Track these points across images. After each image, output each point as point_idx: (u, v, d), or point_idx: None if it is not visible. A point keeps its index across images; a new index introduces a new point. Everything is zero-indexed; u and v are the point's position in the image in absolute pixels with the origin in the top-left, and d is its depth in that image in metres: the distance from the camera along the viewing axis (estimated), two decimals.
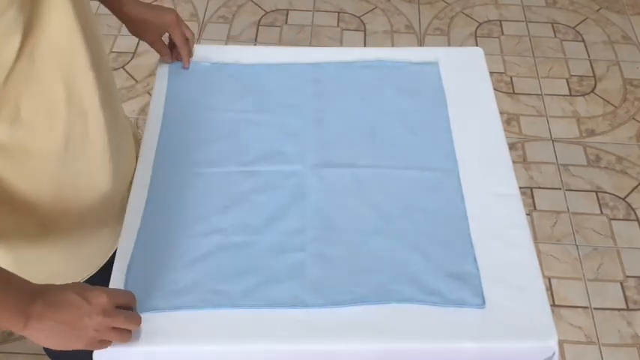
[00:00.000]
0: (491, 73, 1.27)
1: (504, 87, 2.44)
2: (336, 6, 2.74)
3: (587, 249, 2.01)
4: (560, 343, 1.79)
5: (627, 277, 1.95)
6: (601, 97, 2.43)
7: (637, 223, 2.08)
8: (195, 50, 1.25)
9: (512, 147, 2.21)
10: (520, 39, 2.63)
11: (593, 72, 2.51)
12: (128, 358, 0.89)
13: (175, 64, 1.24)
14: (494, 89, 1.24)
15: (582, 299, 1.90)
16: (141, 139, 1.14)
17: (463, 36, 2.64)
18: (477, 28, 2.67)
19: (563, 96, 2.43)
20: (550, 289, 1.91)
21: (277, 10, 2.72)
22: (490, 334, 0.91)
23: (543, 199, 2.12)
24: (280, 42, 2.58)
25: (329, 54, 1.29)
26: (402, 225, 1.03)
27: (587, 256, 1.99)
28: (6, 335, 1.79)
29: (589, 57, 2.56)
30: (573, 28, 2.67)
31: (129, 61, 2.49)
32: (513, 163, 1.13)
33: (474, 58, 1.30)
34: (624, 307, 1.89)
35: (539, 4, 2.77)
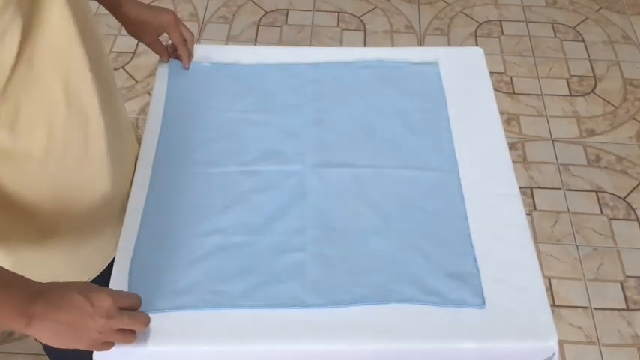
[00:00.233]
0: (491, 73, 1.27)
1: (504, 87, 2.44)
2: (336, 6, 2.74)
3: (587, 249, 2.01)
4: (560, 343, 1.79)
5: (627, 277, 1.95)
6: (601, 97, 2.42)
7: (637, 223, 2.07)
8: (195, 50, 1.25)
9: (512, 147, 2.21)
10: (520, 39, 2.63)
11: (593, 72, 2.51)
12: (128, 358, 0.89)
13: (175, 64, 1.24)
14: (494, 89, 1.24)
15: (582, 299, 1.90)
16: (141, 139, 1.14)
17: (463, 36, 2.64)
18: (477, 28, 2.67)
19: (563, 96, 2.43)
20: (550, 289, 1.91)
21: (277, 10, 2.72)
22: (490, 334, 0.91)
23: (543, 199, 2.12)
24: (280, 42, 2.58)
25: (329, 54, 1.29)
26: (402, 225, 1.03)
27: (587, 256, 1.99)
28: (6, 335, 1.79)
29: (589, 57, 2.56)
30: (573, 28, 2.67)
31: (129, 61, 2.49)
32: (513, 163, 1.13)
33: (474, 58, 1.30)
34: (624, 307, 1.89)
35: (539, 4, 2.77)
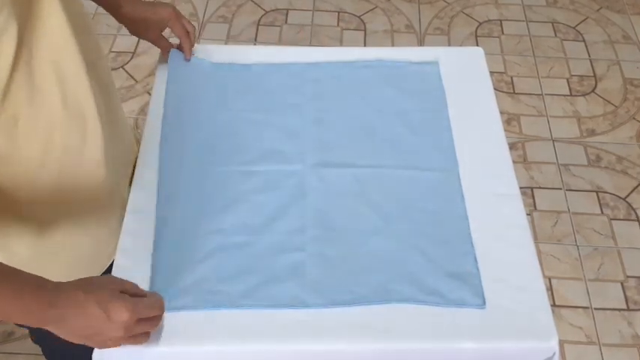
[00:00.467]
0: (491, 73, 1.27)
1: (504, 87, 2.44)
2: (336, 6, 2.74)
3: (588, 249, 2.01)
4: (561, 344, 1.78)
5: (628, 277, 1.95)
6: (601, 97, 2.42)
7: (637, 223, 2.07)
8: (195, 50, 1.25)
9: (512, 147, 2.21)
10: (520, 39, 2.63)
11: (594, 72, 2.51)
12: (129, 359, 0.89)
13: (175, 65, 1.23)
14: (494, 89, 1.24)
15: (583, 299, 1.90)
16: (141, 139, 1.13)
17: (463, 36, 2.63)
18: (477, 27, 2.67)
19: (564, 96, 2.42)
20: (550, 289, 1.91)
21: (277, 9, 2.72)
22: (490, 334, 0.91)
23: (544, 199, 2.12)
24: (280, 42, 2.58)
25: (329, 54, 1.29)
26: (402, 225, 1.03)
27: (587, 256, 1.99)
28: (6, 335, 1.78)
29: (589, 57, 2.56)
30: (574, 28, 2.67)
31: (129, 61, 2.49)
32: (513, 163, 1.12)
33: (474, 58, 1.29)
34: (625, 307, 1.89)
35: (540, 4, 2.77)
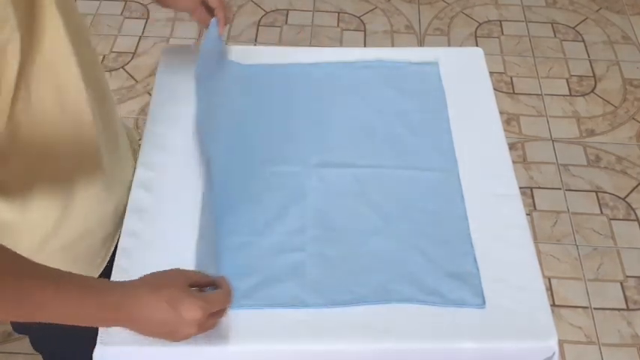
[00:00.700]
0: (491, 73, 1.27)
1: (504, 87, 2.44)
2: (336, 6, 2.74)
3: (587, 249, 2.01)
4: (561, 343, 1.79)
5: (627, 277, 1.95)
6: (601, 97, 2.42)
7: (637, 223, 2.07)
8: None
9: (512, 147, 2.21)
10: (520, 39, 2.63)
11: (593, 72, 2.51)
12: (129, 359, 0.89)
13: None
14: (494, 89, 1.24)
15: (582, 299, 1.90)
16: (140, 140, 1.13)
17: (463, 36, 2.64)
18: (477, 28, 2.67)
19: (563, 96, 2.43)
20: (550, 289, 1.91)
21: (277, 10, 2.72)
22: (490, 334, 0.91)
23: (543, 199, 2.12)
24: (280, 42, 2.58)
25: (329, 54, 1.29)
26: (402, 225, 1.03)
27: (587, 256, 1.99)
28: (6, 335, 1.78)
29: (589, 57, 2.56)
30: (573, 28, 2.67)
31: (129, 61, 2.49)
32: (513, 163, 1.12)
33: (473, 58, 1.29)
34: (624, 307, 1.89)
35: (539, 4, 2.77)
